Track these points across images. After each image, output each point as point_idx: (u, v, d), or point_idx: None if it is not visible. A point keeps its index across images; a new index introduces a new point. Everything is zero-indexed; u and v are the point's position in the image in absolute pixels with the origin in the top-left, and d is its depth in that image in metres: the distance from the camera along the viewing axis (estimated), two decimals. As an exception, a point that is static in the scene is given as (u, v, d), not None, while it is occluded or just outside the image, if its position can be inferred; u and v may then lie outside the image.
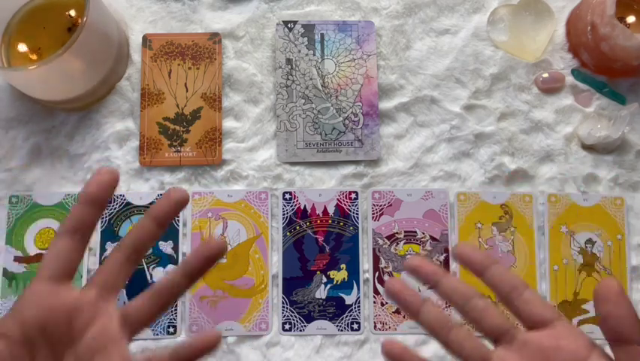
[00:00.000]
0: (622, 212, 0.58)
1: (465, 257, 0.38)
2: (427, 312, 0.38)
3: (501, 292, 0.37)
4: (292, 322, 0.56)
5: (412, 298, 0.38)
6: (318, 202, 0.58)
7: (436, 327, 0.37)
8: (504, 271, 0.37)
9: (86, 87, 0.56)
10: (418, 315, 0.38)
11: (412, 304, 0.38)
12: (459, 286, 0.38)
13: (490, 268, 0.37)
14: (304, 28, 0.60)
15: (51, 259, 0.35)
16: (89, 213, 0.35)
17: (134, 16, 0.60)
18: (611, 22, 0.54)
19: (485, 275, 0.38)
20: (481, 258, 0.38)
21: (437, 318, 0.38)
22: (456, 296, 0.37)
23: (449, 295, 0.38)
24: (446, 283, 0.38)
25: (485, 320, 0.37)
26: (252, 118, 0.59)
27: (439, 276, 0.38)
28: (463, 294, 0.37)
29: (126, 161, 0.58)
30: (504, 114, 0.59)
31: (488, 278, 0.37)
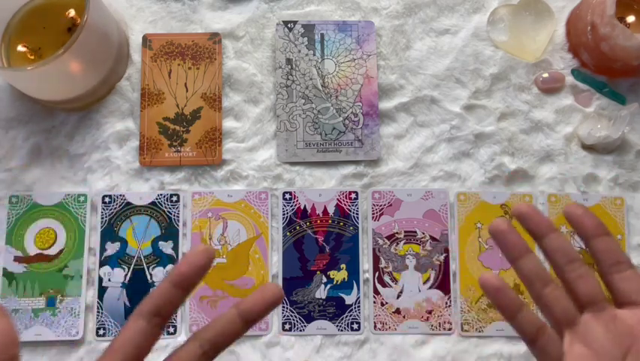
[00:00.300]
0: (622, 212, 0.58)
1: (576, 219, 0.38)
2: (528, 261, 0.37)
3: (604, 263, 0.37)
4: (292, 322, 0.56)
5: (518, 243, 0.38)
6: (318, 202, 0.58)
7: (533, 278, 0.37)
8: (612, 244, 0.37)
9: (86, 87, 0.56)
10: (518, 261, 0.37)
11: (515, 248, 0.38)
12: (565, 245, 0.37)
13: (599, 238, 0.37)
14: (304, 28, 0.60)
15: (124, 343, 0.32)
16: (175, 295, 0.32)
17: (134, 16, 0.60)
18: (611, 22, 0.54)
19: (592, 242, 0.37)
20: (593, 225, 0.37)
21: (536, 270, 0.37)
22: (559, 254, 0.37)
23: (552, 251, 0.37)
24: (553, 239, 0.37)
25: (581, 284, 0.36)
26: (252, 118, 0.59)
27: (548, 230, 0.37)
28: (567, 254, 0.37)
29: (126, 161, 0.58)
30: (504, 114, 0.59)
31: (594, 246, 0.37)
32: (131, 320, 0.32)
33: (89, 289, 0.55)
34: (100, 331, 0.55)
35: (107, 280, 0.56)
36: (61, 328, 0.54)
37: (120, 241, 0.56)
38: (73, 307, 0.55)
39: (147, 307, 0.32)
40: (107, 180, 0.57)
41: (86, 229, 0.56)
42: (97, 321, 0.55)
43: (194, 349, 0.33)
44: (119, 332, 0.32)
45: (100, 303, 0.55)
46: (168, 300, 0.32)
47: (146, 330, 0.32)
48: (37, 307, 0.55)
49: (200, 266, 0.32)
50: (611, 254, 0.37)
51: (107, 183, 0.57)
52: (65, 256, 0.56)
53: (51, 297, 0.55)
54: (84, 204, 0.57)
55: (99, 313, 0.55)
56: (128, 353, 0.32)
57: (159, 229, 0.57)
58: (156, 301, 0.32)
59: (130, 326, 0.32)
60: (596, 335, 0.36)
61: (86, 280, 0.55)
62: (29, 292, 0.55)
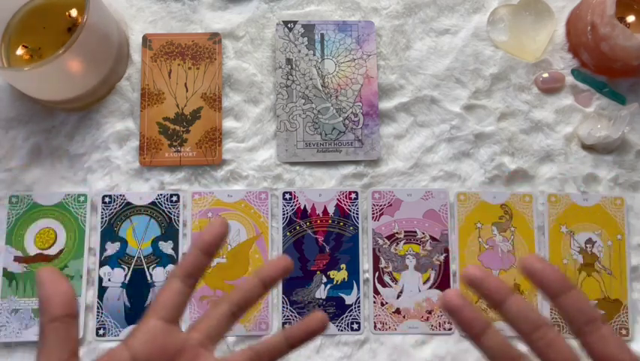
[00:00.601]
0: (622, 212, 0.58)
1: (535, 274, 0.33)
2: (490, 337, 0.34)
3: (575, 322, 0.33)
4: (292, 322, 0.56)
5: (476, 319, 0.34)
6: (318, 202, 0.58)
7: (499, 355, 0.33)
8: (581, 299, 0.33)
9: (86, 87, 0.56)
10: (480, 338, 0.34)
11: (474, 325, 0.34)
12: (527, 310, 0.33)
13: (566, 294, 0.33)
14: (304, 28, 0.60)
15: (166, 300, 0.37)
16: (202, 260, 0.38)
17: (134, 16, 0.60)
18: (611, 22, 0.54)
19: (560, 300, 0.33)
20: (557, 279, 0.33)
21: (502, 347, 0.33)
22: (522, 322, 0.33)
23: (514, 319, 0.33)
24: (513, 305, 0.33)
25: (553, 352, 0.33)
26: (252, 118, 0.59)
27: (505, 295, 0.33)
28: (532, 320, 0.33)
29: (126, 161, 0.58)
30: (504, 114, 0.59)
31: (561, 304, 0.33)
32: (167, 282, 0.37)
33: (89, 289, 0.56)
34: (100, 331, 0.55)
35: (107, 280, 0.56)
36: (61, 328, 0.54)
37: (120, 241, 0.56)
38: (73, 307, 0.55)
39: (181, 270, 0.37)
40: (107, 180, 0.57)
41: (86, 229, 0.56)
42: (97, 321, 0.55)
43: (225, 309, 0.38)
44: (159, 293, 0.37)
45: (100, 303, 0.55)
46: (197, 263, 0.37)
47: (182, 289, 0.37)
48: (37, 307, 0.55)
49: (220, 234, 0.38)
50: (581, 312, 0.33)
51: (107, 183, 0.57)
52: (65, 256, 0.56)
53: (51, 297, 0.55)
54: (84, 204, 0.57)
55: (99, 313, 0.55)
56: (169, 309, 0.37)
57: (159, 229, 0.57)
58: (188, 264, 0.37)
59: (168, 287, 0.37)
60: None
61: (86, 280, 0.55)
62: (29, 292, 0.55)
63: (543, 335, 0.33)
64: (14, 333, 0.54)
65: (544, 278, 0.33)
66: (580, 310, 0.33)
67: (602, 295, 0.56)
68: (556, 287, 0.33)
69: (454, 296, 0.34)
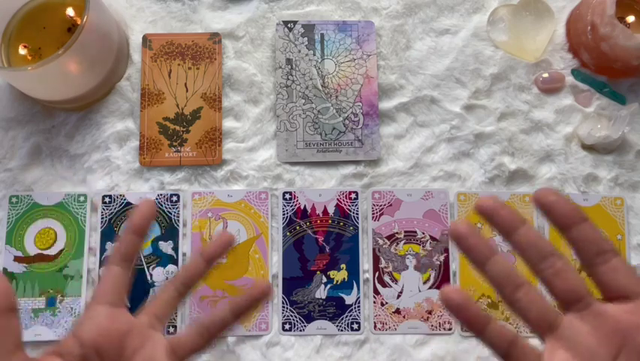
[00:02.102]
0: (622, 212, 0.58)
1: (549, 207, 0.33)
2: (495, 264, 0.33)
3: (586, 254, 0.32)
4: (292, 322, 0.56)
5: (481, 246, 0.33)
6: (318, 202, 0.58)
7: (503, 282, 0.33)
8: (593, 231, 0.32)
9: (86, 87, 0.56)
10: (485, 266, 0.33)
11: (479, 252, 0.33)
12: (537, 239, 0.33)
13: (577, 226, 0.32)
14: (304, 28, 0.60)
15: (106, 285, 0.39)
16: (134, 241, 0.40)
17: (134, 16, 0.60)
18: (611, 22, 0.54)
19: (571, 232, 0.32)
20: (569, 211, 0.32)
21: (505, 273, 0.33)
22: (532, 250, 0.33)
23: (524, 248, 0.33)
24: (523, 234, 0.33)
25: (560, 281, 0.32)
26: (252, 118, 0.59)
27: (517, 223, 0.33)
28: (541, 249, 0.33)
29: (126, 161, 0.58)
30: (504, 114, 0.59)
31: (573, 236, 0.32)
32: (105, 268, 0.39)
33: (89, 289, 0.55)
34: (100, 331, 0.55)
35: (107, 280, 0.56)
36: (62, 328, 0.54)
37: (120, 241, 0.56)
38: (73, 307, 0.55)
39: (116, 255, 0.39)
40: (107, 180, 0.57)
41: (86, 229, 0.56)
42: (97, 321, 0.55)
43: (171, 289, 0.40)
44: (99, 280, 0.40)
45: (100, 303, 0.55)
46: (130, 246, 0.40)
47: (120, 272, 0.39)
48: (37, 307, 0.55)
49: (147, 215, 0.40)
50: (593, 243, 0.32)
51: (107, 183, 0.57)
52: (65, 256, 0.56)
53: (51, 297, 0.55)
54: (84, 204, 0.57)
55: (99, 313, 0.55)
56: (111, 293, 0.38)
57: (159, 229, 0.57)
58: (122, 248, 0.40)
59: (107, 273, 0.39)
60: (581, 337, 0.32)
61: (86, 280, 0.55)
62: (29, 292, 0.55)
63: (551, 264, 0.32)
64: (14, 333, 0.54)
65: (558, 210, 0.33)
66: (591, 242, 0.32)
67: None
68: (568, 219, 0.32)
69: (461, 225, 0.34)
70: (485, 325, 0.33)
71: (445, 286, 0.34)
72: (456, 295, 0.33)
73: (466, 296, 0.33)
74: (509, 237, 0.33)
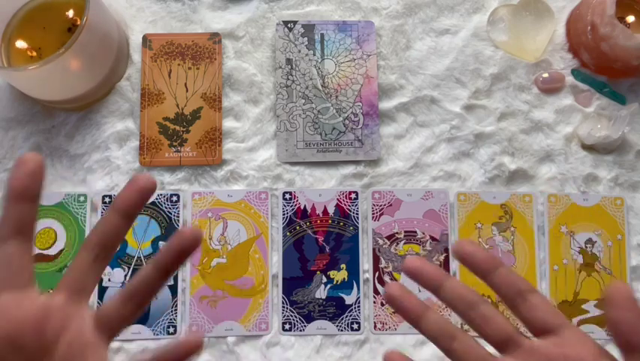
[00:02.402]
0: (622, 212, 0.58)
1: (467, 257, 0.36)
2: (429, 320, 0.36)
3: (506, 296, 0.35)
4: (292, 322, 0.56)
5: (414, 305, 0.36)
6: (318, 202, 0.58)
7: (439, 336, 0.36)
8: (509, 274, 0.35)
9: (86, 87, 0.56)
10: (420, 323, 0.36)
11: (413, 311, 0.36)
12: (463, 291, 0.36)
13: (494, 271, 0.35)
14: (304, 28, 0.60)
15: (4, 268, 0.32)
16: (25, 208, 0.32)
17: (134, 16, 0.60)
18: (611, 22, 0.54)
19: (489, 278, 0.35)
20: (485, 259, 0.35)
21: (440, 327, 0.36)
22: (459, 302, 0.35)
23: (452, 300, 0.36)
24: (449, 288, 0.36)
25: (490, 327, 0.35)
26: (252, 118, 0.59)
27: (441, 280, 0.36)
28: (467, 300, 0.35)
29: (126, 161, 0.58)
30: (504, 114, 0.59)
31: (492, 281, 0.35)
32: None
33: (89, 289, 0.55)
34: (100, 331, 0.55)
35: (106, 280, 0.56)
36: (61, 328, 0.54)
37: (120, 241, 0.56)
38: (73, 307, 0.55)
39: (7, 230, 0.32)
40: (107, 180, 0.57)
41: (86, 229, 0.56)
42: (97, 321, 0.55)
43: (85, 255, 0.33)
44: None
45: (100, 303, 0.55)
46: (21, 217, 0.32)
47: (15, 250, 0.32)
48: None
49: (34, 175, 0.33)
50: (511, 286, 0.35)
51: (107, 183, 0.57)
52: (65, 256, 0.56)
53: (51, 297, 0.55)
54: (84, 204, 0.57)
55: (99, 313, 0.55)
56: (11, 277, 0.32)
57: (159, 229, 0.57)
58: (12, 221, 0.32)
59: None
60: None
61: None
62: (29, 292, 0.55)
63: (479, 312, 0.35)
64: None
65: (475, 259, 0.36)
66: (509, 284, 0.35)
67: (602, 295, 0.56)
68: (485, 266, 0.35)
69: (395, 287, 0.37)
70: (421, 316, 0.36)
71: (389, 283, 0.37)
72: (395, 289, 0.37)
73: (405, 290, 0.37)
74: (436, 291, 0.36)
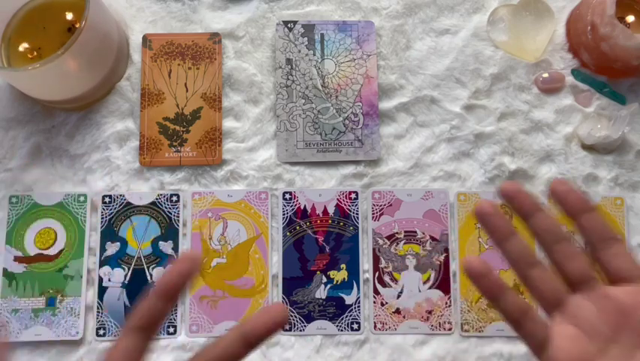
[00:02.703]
0: (622, 212, 0.58)
1: (560, 195, 0.36)
2: (513, 242, 0.36)
3: (591, 239, 0.36)
4: (292, 322, 0.56)
5: (503, 225, 0.37)
6: (318, 202, 0.58)
7: (519, 260, 0.36)
8: (599, 220, 0.36)
9: (86, 87, 0.56)
10: (504, 243, 0.37)
11: (500, 230, 0.37)
12: (552, 224, 0.36)
13: (585, 215, 0.36)
14: (304, 28, 0.60)
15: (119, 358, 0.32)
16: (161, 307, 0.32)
17: (134, 16, 0.60)
18: (611, 22, 0.54)
19: (578, 220, 0.36)
20: (578, 201, 0.36)
21: (522, 251, 0.36)
22: (547, 234, 0.36)
23: (540, 231, 0.36)
24: (540, 219, 0.36)
25: (570, 263, 0.36)
26: (252, 118, 0.59)
27: (535, 209, 0.36)
28: (555, 234, 0.36)
29: (126, 161, 0.58)
30: (504, 114, 0.59)
31: (580, 223, 0.36)
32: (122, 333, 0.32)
33: (89, 289, 0.55)
34: (100, 331, 0.55)
35: (107, 280, 0.56)
36: (62, 328, 0.54)
37: (120, 241, 0.56)
38: (73, 307, 0.55)
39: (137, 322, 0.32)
40: (107, 180, 0.57)
41: (86, 229, 0.56)
42: (97, 321, 0.55)
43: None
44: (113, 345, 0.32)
45: (100, 303, 0.55)
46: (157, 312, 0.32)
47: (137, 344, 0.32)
48: (37, 307, 0.55)
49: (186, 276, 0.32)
50: (598, 231, 0.36)
51: (107, 183, 0.57)
52: (65, 256, 0.56)
53: (51, 297, 0.55)
54: (84, 204, 0.57)
55: (99, 314, 0.55)
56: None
57: (159, 229, 0.57)
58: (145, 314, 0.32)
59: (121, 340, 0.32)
60: (587, 314, 0.35)
61: (86, 280, 0.55)
62: (29, 292, 0.55)
63: (564, 247, 0.36)
64: (14, 333, 0.54)
65: (568, 200, 0.36)
66: (597, 230, 0.36)
67: None
68: (577, 208, 0.36)
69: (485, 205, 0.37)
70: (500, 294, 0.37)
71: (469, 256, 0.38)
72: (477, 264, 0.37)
73: (486, 266, 0.37)
74: (526, 221, 0.37)
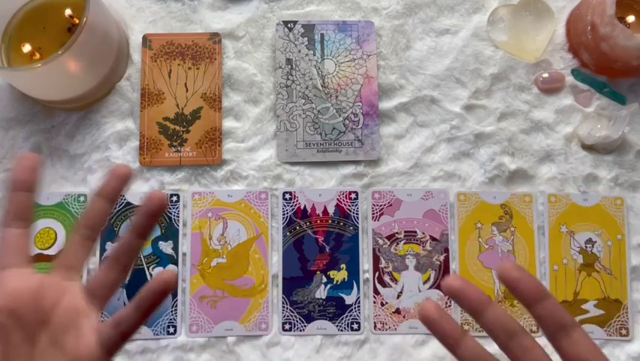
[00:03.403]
0: (622, 212, 0.58)
1: (512, 283, 0.34)
2: (466, 347, 0.35)
3: (549, 328, 0.34)
4: (292, 322, 0.56)
5: (451, 329, 0.35)
6: (318, 202, 0.58)
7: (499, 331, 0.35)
8: (555, 307, 0.34)
9: (86, 87, 0.56)
10: (457, 349, 0.35)
11: (450, 335, 0.36)
12: (505, 319, 0.35)
13: (539, 303, 0.34)
14: (304, 28, 0.60)
15: (5, 249, 0.37)
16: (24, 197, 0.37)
17: (134, 16, 0.60)
18: (611, 22, 0.54)
19: (535, 308, 0.34)
20: (533, 288, 0.34)
21: (501, 322, 0.35)
22: (500, 330, 0.35)
23: (492, 327, 0.35)
24: (491, 314, 0.35)
25: (527, 357, 0.34)
26: (252, 118, 0.59)
27: (484, 305, 0.35)
28: (509, 329, 0.34)
29: (126, 161, 0.58)
30: (504, 114, 0.59)
31: (537, 312, 0.34)
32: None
33: (89, 289, 0.55)
34: (100, 331, 0.55)
35: (107, 280, 0.56)
36: (61, 328, 0.54)
37: (120, 241, 0.56)
38: (73, 307, 0.55)
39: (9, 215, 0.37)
40: (107, 180, 0.57)
41: (86, 229, 0.56)
42: (97, 321, 0.55)
43: (75, 237, 0.38)
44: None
45: (100, 303, 0.55)
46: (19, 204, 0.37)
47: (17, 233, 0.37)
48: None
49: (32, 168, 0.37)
50: (554, 319, 0.34)
51: (107, 183, 0.57)
52: (65, 256, 0.56)
53: (51, 297, 0.55)
54: (84, 204, 0.57)
55: (99, 313, 0.55)
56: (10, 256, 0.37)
57: (159, 229, 0.57)
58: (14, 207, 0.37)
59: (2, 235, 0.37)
60: None
61: (86, 280, 0.55)
62: (29, 292, 0.55)
63: (519, 342, 0.34)
64: (14, 333, 0.54)
65: (521, 287, 0.34)
66: (554, 317, 0.34)
67: (602, 295, 0.56)
68: (531, 296, 0.34)
69: (431, 308, 0.36)
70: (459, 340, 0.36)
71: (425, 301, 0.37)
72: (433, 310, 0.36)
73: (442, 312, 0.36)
74: (477, 316, 0.35)
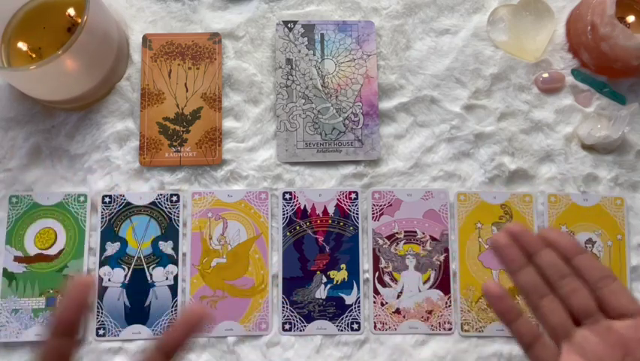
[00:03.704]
0: (622, 212, 0.58)
1: (553, 241, 0.40)
2: (526, 273, 0.39)
3: (589, 279, 0.39)
4: (292, 322, 0.56)
5: (517, 257, 0.40)
6: (318, 202, 0.58)
7: (531, 290, 0.39)
8: (593, 260, 0.39)
9: (86, 87, 0.56)
10: (517, 274, 0.40)
11: (514, 262, 0.40)
12: (557, 262, 0.39)
13: (578, 256, 0.39)
14: (304, 28, 0.60)
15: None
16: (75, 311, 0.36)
17: (134, 16, 0.60)
18: (611, 22, 0.54)
19: (573, 261, 0.39)
20: (570, 244, 0.39)
21: (534, 283, 0.39)
22: (552, 271, 0.39)
23: (545, 268, 0.39)
24: (545, 256, 0.39)
25: (575, 298, 0.38)
26: (252, 118, 0.59)
27: (539, 247, 0.40)
28: (560, 270, 0.39)
29: (126, 161, 0.58)
30: (504, 114, 0.59)
31: (576, 265, 0.39)
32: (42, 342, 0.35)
33: (89, 289, 0.55)
34: (100, 331, 0.55)
35: (107, 280, 0.56)
36: (61, 328, 0.54)
37: (120, 241, 0.56)
38: (73, 307, 0.55)
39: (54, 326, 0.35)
40: (107, 180, 0.57)
41: (86, 229, 0.56)
42: (97, 321, 0.55)
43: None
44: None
45: (100, 303, 0.55)
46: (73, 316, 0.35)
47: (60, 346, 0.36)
48: (37, 307, 0.55)
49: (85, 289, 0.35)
50: (594, 270, 0.39)
51: (107, 183, 0.57)
52: (65, 256, 0.56)
53: (51, 297, 0.55)
54: (84, 204, 0.57)
55: (99, 313, 0.55)
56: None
57: (159, 229, 0.57)
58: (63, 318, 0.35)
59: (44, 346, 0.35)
60: (592, 346, 0.38)
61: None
62: (29, 292, 0.55)
63: (568, 282, 0.39)
64: (14, 333, 0.54)
65: (562, 243, 0.40)
66: (593, 268, 0.39)
67: None
68: (572, 250, 0.39)
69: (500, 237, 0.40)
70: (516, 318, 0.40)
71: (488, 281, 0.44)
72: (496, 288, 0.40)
73: (504, 290, 0.40)
74: (532, 258, 0.40)
